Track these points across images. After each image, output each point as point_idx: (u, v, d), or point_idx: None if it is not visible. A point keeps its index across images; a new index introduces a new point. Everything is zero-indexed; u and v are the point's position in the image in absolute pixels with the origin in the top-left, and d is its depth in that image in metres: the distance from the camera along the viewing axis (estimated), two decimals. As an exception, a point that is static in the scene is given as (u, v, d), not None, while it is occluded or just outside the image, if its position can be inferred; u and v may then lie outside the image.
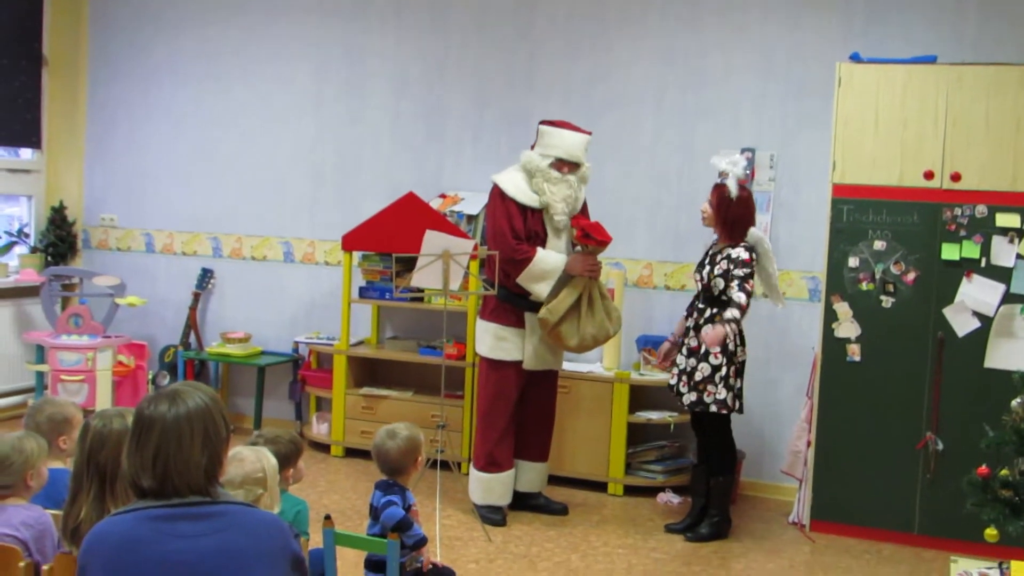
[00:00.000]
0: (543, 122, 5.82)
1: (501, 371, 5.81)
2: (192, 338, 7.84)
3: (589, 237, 5.59)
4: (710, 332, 5.38)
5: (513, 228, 5.65)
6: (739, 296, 5.41)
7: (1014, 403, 3.14)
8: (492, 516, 5.81)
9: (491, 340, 5.83)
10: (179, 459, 2.27)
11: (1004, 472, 3.14)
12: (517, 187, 5.71)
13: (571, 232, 5.75)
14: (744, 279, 5.44)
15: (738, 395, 5.58)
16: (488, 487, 5.85)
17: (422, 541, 4.00)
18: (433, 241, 5.41)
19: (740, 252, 5.50)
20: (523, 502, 6.00)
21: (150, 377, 7.81)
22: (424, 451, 4.19)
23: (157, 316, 8.01)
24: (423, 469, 4.22)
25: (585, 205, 5.92)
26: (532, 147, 5.83)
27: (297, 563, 2.37)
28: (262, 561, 2.28)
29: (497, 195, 5.76)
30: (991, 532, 3.15)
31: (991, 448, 3.18)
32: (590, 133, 5.82)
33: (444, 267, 5.39)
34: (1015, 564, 2.17)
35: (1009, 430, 3.11)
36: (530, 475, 6.01)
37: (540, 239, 5.72)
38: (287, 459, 3.92)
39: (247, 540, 2.29)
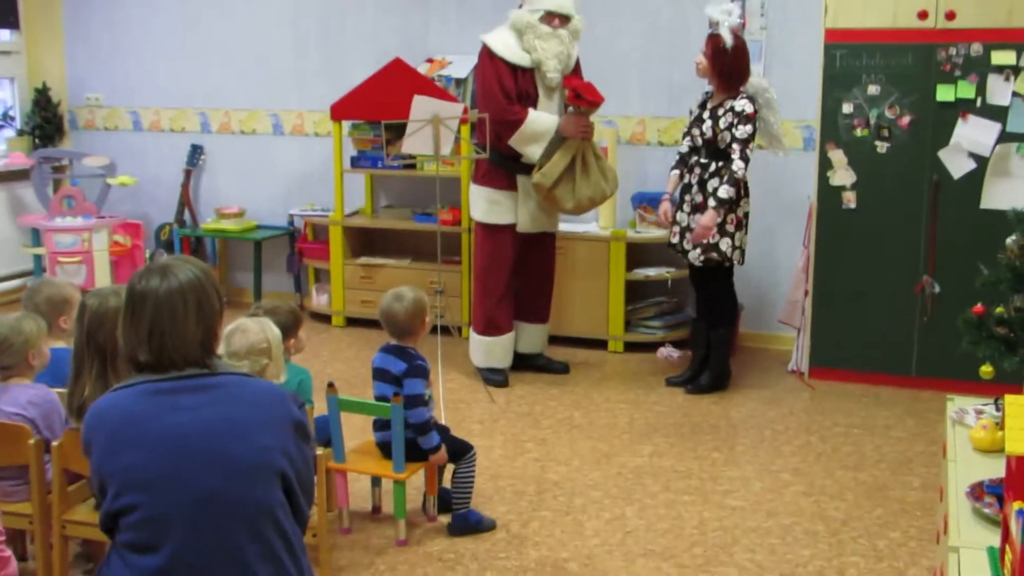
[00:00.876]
0: None
1: (496, 235, 5.81)
2: (187, 215, 7.81)
3: (581, 98, 5.52)
4: (700, 225, 5.41)
5: (504, 89, 5.57)
6: (738, 166, 5.35)
7: (1009, 240, 3.12)
8: (494, 378, 5.89)
9: (485, 204, 5.81)
10: (174, 332, 2.28)
11: (1000, 309, 3.14)
12: (507, 46, 5.60)
13: (563, 92, 5.67)
14: (746, 142, 5.37)
15: (741, 247, 5.57)
16: (489, 350, 5.92)
17: (436, 448, 4.03)
18: (422, 106, 5.33)
19: (745, 105, 5.41)
20: (525, 363, 6.07)
21: (147, 256, 7.80)
22: (428, 313, 4.21)
23: (150, 195, 7.96)
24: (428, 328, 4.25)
25: (578, 63, 5.82)
26: (520, 6, 5.70)
27: (300, 429, 2.40)
28: (264, 429, 2.31)
29: (486, 56, 5.66)
30: (986, 369, 3.18)
31: (986, 287, 3.18)
32: None
33: (434, 132, 5.32)
34: (1008, 397, 2.20)
35: (1004, 267, 3.11)
36: (531, 336, 6.06)
37: (532, 100, 5.64)
38: (287, 329, 3.94)
39: (247, 409, 2.31)
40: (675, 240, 5.72)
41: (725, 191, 5.36)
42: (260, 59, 7.59)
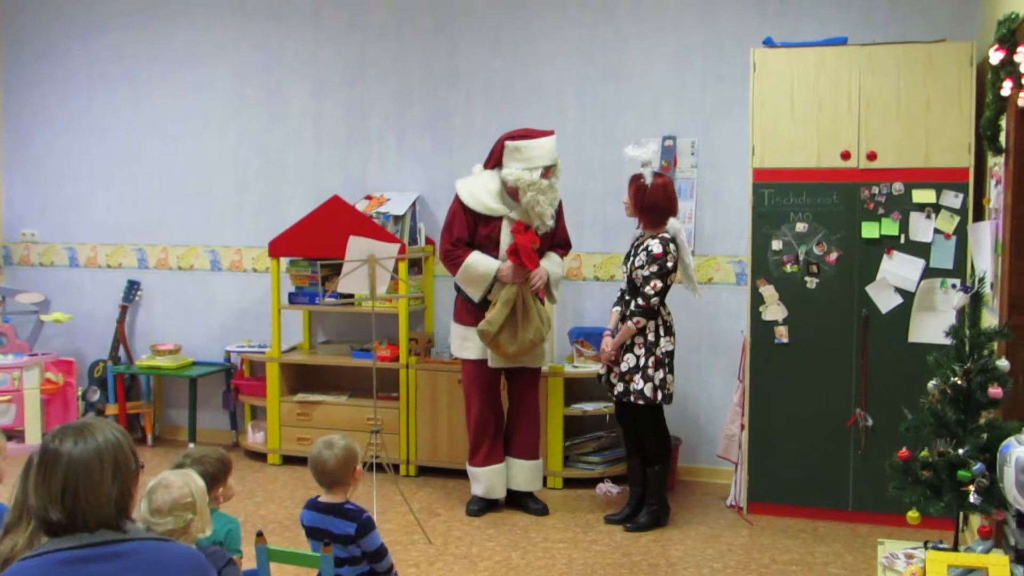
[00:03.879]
0: (508, 137, 5.83)
1: (469, 369, 5.99)
2: (121, 352, 7.72)
3: (516, 256, 5.67)
4: (602, 349, 5.65)
5: (452, 233, 5.86)
6: (643, 299, 5.48)
7: (930, 385, 3.18)
8: (470, 507, 5.99)
9: (458, 340, 6.03)
10: (89, 491, 2.22)
11: (924, 454, 3.19)
12: (473, 196, 5.83)
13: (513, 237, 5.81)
14: (648, 279, 5.48)
15: (660, 386, 5.58)
16: (472, 477, 6.03)
17: (390, 570, 3.98)
18: (357, 246, 5.37)
19: (654, 245, 5.52)
20: (516, 500, 6.08)
21: (80, 393, 7.68)
22: (360, 462, 4.15)
23: (85, 331, 7.88)
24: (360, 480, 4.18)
25: (560, 204, 6.02)
26: (488, 162, 5.90)
27: (217, 594, 2.33)
28: (178, 597, 2.24)
29: (456, 198, 5.90)
30: (913, 515, 3.20)
31: (910, 432, 3.22)
32: (552, 132, 5.89)
33: (370, 272, 5.35)
34: (930, 553, 2.21)
35: (927, 412, 3.16)
36: (521, 473, 6.06)
37: (494, 244, 5.82)
38: (215, 478, 3.86)
39: (162, 577, 2.25)
40: (603, 372, 5.77)
41: (630, 324, 5.50)
42: (200, 194, 7.63)
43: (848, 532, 5.65)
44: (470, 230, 5.85)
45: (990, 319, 4.98)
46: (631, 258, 5.65)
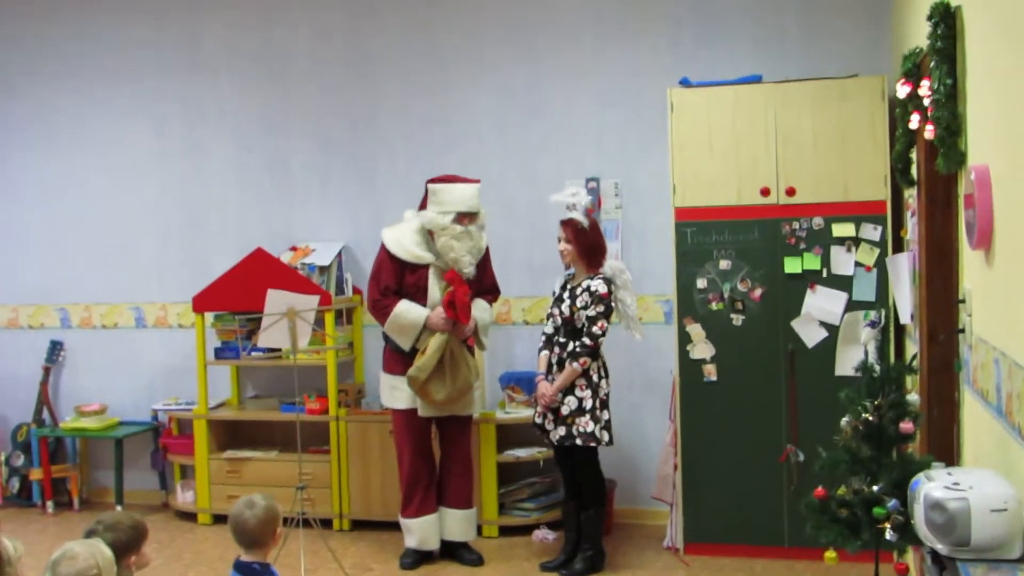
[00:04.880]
0: (430, 181, 5.81)
1: (400, 418, 5.91)
2: (46, 414, 7.52)
3: (452, 309, 5.64)
4: (540, 392, 5.55)
5: (379, 282, 5.81)
6: (589, 342, 5.44)
7: (843, 422, 3.17)
8: (403, 560, 5.89)
9: (387, 390, 5.96)
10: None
11: (841, 491, 3.16)
12: (399, 244, 5.79)
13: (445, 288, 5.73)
14: (595, 319, 5.44)
15: (606, 427, 5.56)
16: (406, 529, 5.93)
17: None
18: (276, 299, 5.29)
19: (599, 285, 5.50)
20: (450, 551, 5.98)
21: (3, 458, 7.47)
22: (281, 523, 4.03)
23: (6, 394, 7.67)
24: (282, 543, 4.07)
25: (487, 252, 5.97)
26: (422, 206, 5.84)
27: None
28: None
29: (382, 247, 5.85)
30: (830, 555, 3.17)
31: (824, 469, 3.20)
32: (479, 181, 5.85)
33: (291, 324, 5.26)
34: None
35: (841, 449, 3.14)
36: (454, 523, 5.96)
37: (422, 292, 5.76)
38: (128, 546, 3.75)
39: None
40: (539, 420, 5.68)
41: (575, 365, 5.44)
42: (122, 251, 7.49)
43: (785, 569, 5.62)
44: (397, 278, 5.79)
45: (913, 349, 5.01)
46: (566, 300, 5.58)
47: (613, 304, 5.52)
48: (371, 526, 6.55)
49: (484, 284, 5.97)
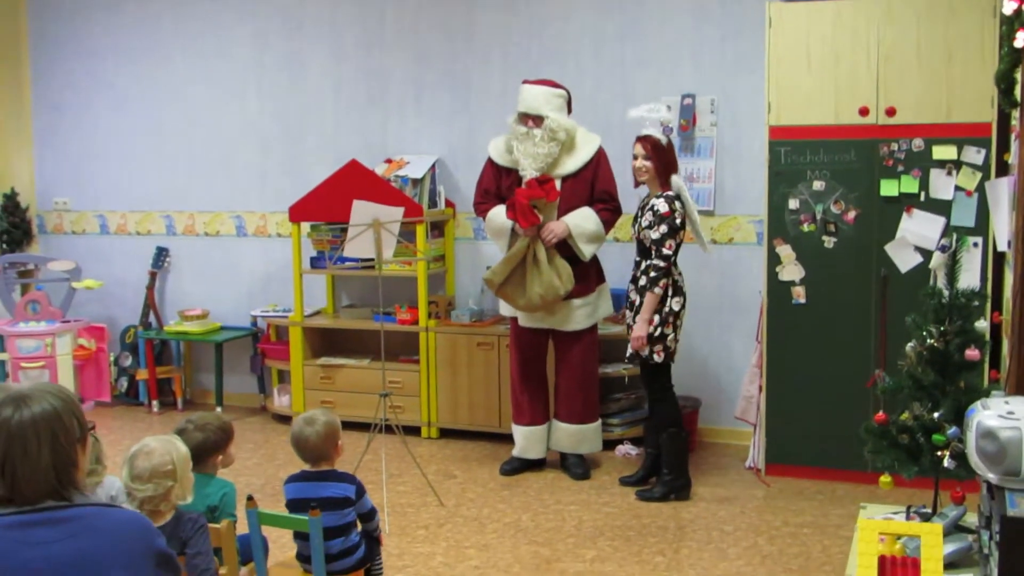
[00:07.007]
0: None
1: (511, 327, 6.06)
2: (152, 317, 7.82)
3: (513, 211, 5.63)
4: (632, 336, 5.47)
5: (481, 186, 5.93)
6: (660, 263, 5.35)
7: (908, 347, 3.10)
8: (503, 465, 6.06)
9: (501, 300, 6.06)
10: (25, 466, 2.24)
11: (904, 416, 3.11)
12: (496, 149, 5.88)
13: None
14: (662, 240, 5.35)
15: (666, 345, 5.49)
16: (515, 435, 6.06)
17: (376, 528, 4.10)
18: (361, 210, 5.35)
19: (660, 204, 5.40)
20: (561, 461, 6.11)
21: (112, 359, 7.80)
22: (341, 436, 4.13)
23: (116, 297, 7.99)
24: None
25: (603, 160, 5.83)
26: None
27: (163, 561, 2.34)
28: (119, 562, 2.25)
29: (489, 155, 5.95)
30: (885, 480, 3.14)
31: (886, 394, 3.15)
32: (559, 86, 5.77)
33: (376, 236, 5.34)
34: (861, 521, 2.16)
35: (905, 375, 3.08)
36: (560, 435, 6.04)
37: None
38: (216, 445, 3.91)
39: (103, 542, 2.26)
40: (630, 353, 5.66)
41: (649, 299, 5.39)
42: (224, 161, 7.67)
43: (866, 494, 5.56)
44: (496, 182, 5.87)
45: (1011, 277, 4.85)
46: (638, 219, 5.56)
47: (679, 221, 5.43)
48: (459, 435, 6.70)
49: (596, 191, 5.83)
